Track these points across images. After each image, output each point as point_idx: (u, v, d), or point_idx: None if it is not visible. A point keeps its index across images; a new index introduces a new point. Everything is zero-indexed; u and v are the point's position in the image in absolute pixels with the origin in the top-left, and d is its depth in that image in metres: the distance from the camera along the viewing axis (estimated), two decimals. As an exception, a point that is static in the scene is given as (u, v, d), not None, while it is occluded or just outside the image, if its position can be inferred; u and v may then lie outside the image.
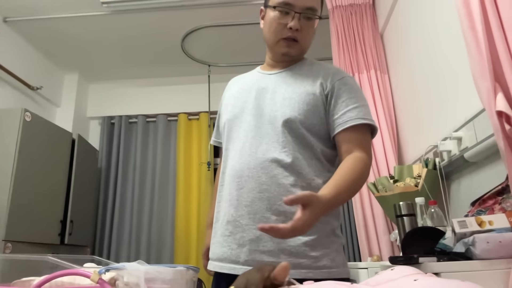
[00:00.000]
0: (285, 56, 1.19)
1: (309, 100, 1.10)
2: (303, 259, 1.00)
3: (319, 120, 1.10)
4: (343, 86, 1.11)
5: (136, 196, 3.67)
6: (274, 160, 1.06)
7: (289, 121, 1.08)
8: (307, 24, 1.14)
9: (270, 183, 1.05)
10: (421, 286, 0.49)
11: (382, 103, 2.52)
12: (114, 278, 1.49)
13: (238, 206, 1.07)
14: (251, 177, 1.07)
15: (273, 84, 1.17)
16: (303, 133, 1.08)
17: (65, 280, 1.50)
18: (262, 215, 1.04)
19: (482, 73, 0.95)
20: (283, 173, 1.05)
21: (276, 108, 1.11)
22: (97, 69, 3.93)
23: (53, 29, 3.28)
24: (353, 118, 1.07)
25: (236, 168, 1.10)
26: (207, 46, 3.57)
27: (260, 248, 1.02)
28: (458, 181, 1.75)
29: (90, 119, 4.09)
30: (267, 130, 1.10)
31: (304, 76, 1.16)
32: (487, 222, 1.00)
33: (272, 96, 1.14)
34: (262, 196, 1.05)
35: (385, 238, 2.24)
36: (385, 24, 2.65)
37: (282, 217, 1.02)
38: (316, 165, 1.08)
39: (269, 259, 1.01)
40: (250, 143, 1.10)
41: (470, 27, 1.00)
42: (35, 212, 2.74)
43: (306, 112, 1.09)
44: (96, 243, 3.59)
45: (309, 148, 1.08)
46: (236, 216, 1.07)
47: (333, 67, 1.18)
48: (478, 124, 1.42)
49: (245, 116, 1.14)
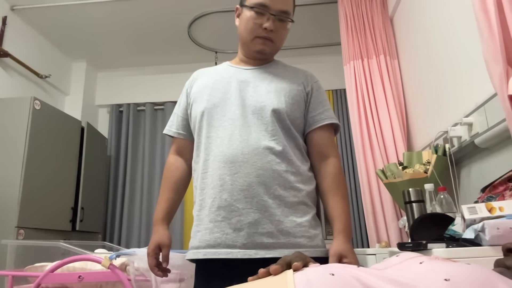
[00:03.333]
0: (259, 54, 1.24)
1: (293, 95, 1.19)
2: (300, 238, 1.08)
3: (300, 114, 1.20)
4: (319, 88, 1.26)
5: (146, 182, 3.71)
6: (266, 147, 1.11)
7: (277, 112, 1.14)
8: (281, 25, 1.20)
9: (265, 168, 1.10)
10: (428, 269, 0.49)
11: (391, 89, 2.49)
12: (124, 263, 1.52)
13: (233, 190, 1.09)
14: (246, 162, 1.10)
15: (253, 78, 1.22)
16: (288, 125, 1.16)
17: (77, 265, 1.53)
18: (260, 198, 1.08)
19: (495, 56, 0.92)
20: (276, 159, 1.11)
21: (262, 99, 1.16)
22: (105, 57, 3.94)
23: (60, 17, 3.28)
24: (329, 117, 1.21)
25: (227, 154, 1.12)
26: (213, 33, 3.55)
27: (260, 230, 1.06)
28: (468, 167, 1.73)
29: (98, 107, 4.11)
30: (253, 120, 1.14)
31: (283, 74, 1.24)
32: (498, 208, 0.99)
33: (255, 89, 1.19)
34: (259, 181, 1.09)
35: (393, 225, 2.24)
36: (395, 8, 2.60)
37: (277, 201, 1.09)
38: (299, 154, 1.17)
39: (268, 240, 1.06)
40: (239, 131, 1.13)
41: (482, 10, 0.97)
42: (46, 199, 2.78)
43: (291, 106, 1.17)
44: (107, 229, 3.64)
45: (293, 138, 1.17)
46: (231, 201, 1.09)
47: (307, 70, 1.30)
48: (490, 109, 1.40)
49: (228, 106, 1.17)
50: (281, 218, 1.07)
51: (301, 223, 1.09)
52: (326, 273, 0.47)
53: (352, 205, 3.35)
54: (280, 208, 1.08)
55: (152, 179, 3.74)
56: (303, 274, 0.50)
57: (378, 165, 2.34)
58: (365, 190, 2.36)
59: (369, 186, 2.36)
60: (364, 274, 0.47)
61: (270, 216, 1.07)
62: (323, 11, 3.24)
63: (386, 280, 0.46)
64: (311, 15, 3.30)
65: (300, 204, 1.11)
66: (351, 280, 0.45)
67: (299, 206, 1.11)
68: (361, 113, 2.48)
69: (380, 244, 2.16)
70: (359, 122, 2.46)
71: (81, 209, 3.11)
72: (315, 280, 0.47)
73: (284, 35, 1.25)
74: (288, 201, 1.09)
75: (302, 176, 1.14)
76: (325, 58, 3.81)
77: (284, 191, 1.10)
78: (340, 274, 0.47)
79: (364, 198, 2.36)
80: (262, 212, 1.07)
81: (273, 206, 1.08)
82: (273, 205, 1.08)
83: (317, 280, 0.47)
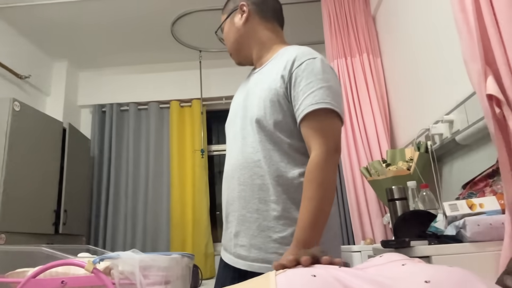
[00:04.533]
0: (240, 64, 1.30)
1: (271, 96, 1.09)
2: (271, 254, 1.04)
3: (283, 113, 1.08)
4: (301, 73, 1.06)
5: (130, 184, 3.66)
6: (250, 161, 1.11)
7: (258, 120, 1.10)
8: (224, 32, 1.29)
9: (246, 183, 1.11)
10: (409, 270, 0.49)
11: (374, 87, 2.51)
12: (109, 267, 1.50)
13: (226, 204, 1.18)
14: (233, 177, 1.15)
15: (252, 84, 1.20)
16: (271, 130, 1.09)
17: (60, 270, 1.50)
18: (239, 213, 1.11)
19: (473, 56, 0.94)
20: (259, 172, 1.09)
21: (252, 108, 1.14)
22: (87, 56, 3.87)
23: (40, 16, 3.21)
24: (307, 105, 1.03)
25: (226, 170, 1.20)
26: (198, 31, 3.52)
27: (239, 242, 1.10)
28: (450, 164, 1.76)
29: (80, 107, 4.04)
30: (245, 132, 1.14)
31: (271, 71, 1.15)
32: (478, 205, 1.01)
33: (252, 97, 1.16)
34: (240, 196, 1.11)
35: (378, 222, 2.27)
36: (377, 6, 2.62)
37: (256, 215, 1.08)
38: (286, 160, 1.08)
39: (243, 252, 1.08)
40: (233, 146, 1.18)
41: (460, 10, 0.99)
42: (28, 202, 2.73)
43: (270, 109, 1.09)
44: (91, 232, 3.59)
45: (278, 144, 1.09)
46: (226, 215, 1.19)
47: (298, 52, 1.11)
48: (470, 107, 1.43)
49: (236, 119, 1.20)
50: (255, 233, 1.06)
51: (277, 239, 1.04)
52: (308, 274, 0.48)
53: (338, 202, 3.38)
54: (257, 222, 1.07)
55: (137, 180, 3.70)
56: (284, 276, 0.50)
57: (362, 163, 2.36)
58: (350, 188, 2.39)
59: (354, 183, 2.38)
60: (346, 275, 0.48)
61: (247, 230, 1.08)
62: (307, 10, 3.24)
63: (367, 281, 0.46)
64: (294, 13, 3.30)
65: (280, 219, 1.05)
66: (332, 281, 0.46)
67: (279, 220, 1.05)
68: (345, 111, 2.50)
69: (365, 241, 2.18)
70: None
71: (64, 212, 3.05)
72: (296, 281, 0.47)
73: (225, 34, 1.28)
74: (267, 215, 1.06)
75: (283, 186, 1.06)
76: (309, 57, 3.82)
77: (263, 205, 1.06)
78: (321, 275, 0.47)
79: (349, 196, 2.39)
80: (240, 226, 1.10)
81: (250, 220, 1.08)
82: (250, 219, 1.08)
83: (298, 281, 0.47)
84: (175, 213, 3.55)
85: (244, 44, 1.23)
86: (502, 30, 0.91)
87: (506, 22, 0.90)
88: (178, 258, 1.62)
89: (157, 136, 3.83)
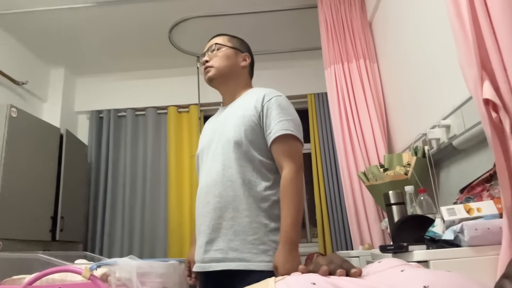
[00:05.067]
0: (212, 81, 1.49)
1: (246, 121, 1.35)
2: (247, 254, 1.24)
3: (256, 135, 1.35)
4: (271, 105, 1.36)
5: (128, 190, 3.65)
6: (226, 175, 1.33)
7: (236, 142, 1.33)
8: (214, 53, 1.49)
9: (221, 196, 1.32)
10: (408, 276, 0.49)
11: (371, 92, 2.52)
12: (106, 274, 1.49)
13: (199, 216, 1.40)
14: (207, 193, 1.35)
15: (225, 116, 1.45)
16: (246, 149, 1.33)
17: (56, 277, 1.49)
18: (214, 222, 1.31)
19: (469, 61, 0.95)
20: (231, 186, 1.31)
21: (228, 133, 1.37)
22: (84, 63, 3.87)
23: (37, 22, 3.21)
24: (278, 130, 1.31)
25: (201, 186, 1.41)
26: (195, 37, 3.53)
27: (213, 247, 1.29)
28: (447, 169, 1.77)
29: (78, 113, 4.03)
30: (219, 154, 1.37)
31: (243, 103, 1.42)
32: (475, 209, 1.01)
33: (228, 124, 1.40)
34: (215, 207, 1.32)
35: (376, 227, 2.26)
36: (374, 12, 2.64)
37: (231, 222, 1.28)
38: (257, 176, 1.32)
39: (220, 255, 1.27)
40: (208, 167, 1.39)
41: (456, 15, 1.00)
42: (25, 209, 2.71)
43: (245, 132, 1.34)
44: (88, 239, 3.56)
45: (251, 161, 1.33)
46: (199, 225, 1.40)
47: (266, 91, 1.42)
48: (466, 112, 1.43)
49: (211, 146, 1.43)
50: (232, 237, 1.26)
51: (250, 241, 1.25)
52: (308, 282, 0.48)
53: (336, 207, 3.38)
54: (232, 228, 1.27)
55: (134, 186, 3.68)
56: (284, 283, 0.50)
57: (360, 168, 2.36)
58: (348, 193, 2.39)
59: (352, 188, 2.38)
60: (345, 283, 0.47)
61: (224, 236, 1.28)
62: (304, 16, 3.26)
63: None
64: (291, 20, 3.32)
65: (252, 223, 1.27)
66: (332, 289, 0.46)
67: (251, 224, 1.27)
68: (342, 116, 2.50)
69: (364, 246, 2.18)
70: (340, 126, 2.49)
71: (61, 219, 3.03)
72: None
73: (220, 56, 1.47)
74: (241, 222, 1.27)
75: (254, 197, 1.29)
76: (307, 63, 3.83)
77: (237, 213, 1.28)
78: (321, 283, 0.47)
79: (347, 201, 2.38)
80: (215, 233, 1.29)
81: (226, 227, 1.28)
82: (226, 226, 1.28)
83: None
84: (172, 219, 3.53)
85: (232, 76, 1.49)
86: (498, 35, 0.91)
87: (502, 27, 0.90)
88: (175, 265, 1.61)
89: (155, 142, 3.82)
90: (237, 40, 1.56)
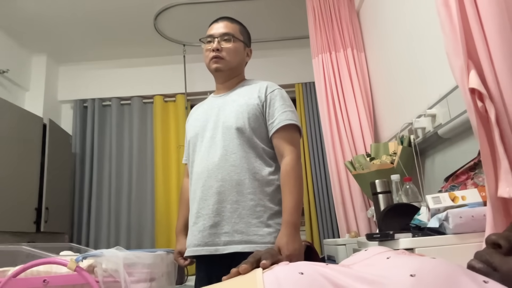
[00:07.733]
0: (218, 72, 1.48)
1: (249, 110, 1.40)
2: (252, 236, 1.28)
3: (259, 124, 1.40)
4: (275, 97, 1.42)
5: (114, 180, 3.61)
6: (230, 160, 1.35)
7: (238, 128, 1.37)
8: (226, 44, 1.47)
9: (225, 180, 1.34)
10: (394, 264, 0.50)
11: (358, 81, 2.53)
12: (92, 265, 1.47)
13: (200, 200, 1.38)
14: (210, 176, 1.36)
15: (221, 104, 1.48)
16: (249, 137, 1.37)
17: (41, 269, 1.47)
18: (218, 205, 1.33)
19: (456, 50, 0.95)
20: (235, 170, 1.34)
21: (229, 119, 1.40)
22: (67, 50, 3.78)
23: (18, 8, 3.11)
24: (282, 120, 1.38)
25: (200, 170, 1.40)
26: (181, 25, 3.48)
27: (219, 231, 1.31)
28: (432, 157, 1.79)
29: (61, 102, 3.95)
30: (220, 139, 1.39)
31: (245, 92, 1.47)
32: (460, 197, 1.02)
33: (227, 112, 1.43)
34: (218, 191, 1.34)
35: (362, 215, 2.29)
36: (361, 1, 2.63)
37: (235, 205, 1.31)
38: (260, 161, 1.37)
39: (227, 238, 1.30)
40: (208, 151, 1.40)
41: (443, 4, 0.99)
42: (8, 200, 2.66)
43: (248, 120, 1.38)
44: (74, 230, 3.53)
45: (254, 148, 1.38)
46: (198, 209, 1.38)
47: (268, 83, 1.48)
48: (452, 101, 1.45)
49: (206, 132, 1.44)
50: (237, 220, 1.30)
51: (255, 223, 1.30)
52: (295, 271, 0.47)
53: (323, 196, 3.41)
54: (237, 211, 1.30)
55: (120, 176, 3.65)
56: (272, 273, 0.50)
57: (346, 157, 2.38)
58: (335, 182, 2.40)
59: (339, 177, 2.40)
60: (333, 272, 0.47)
61: (228, 219, 1.31)
62: (292, 4, 3.24)
63: (354, 277, 0.46)
64: (279, 8, 3.29)
65: (257, 207, 1.31)
66: (320, 279, 0.46)
67: (256, 208, 1.31)
68: (329, 106, 2.51)
69: (350, 234, 2.20)
70: (328, 115, 2.49)
71: (46, 210, 2.99)
72: (284, 279, 0.47)
73: (233, 50, 1.47)
74: (246, 205, 1.31)
75: (259, 181, 1.34)
76: (295, 51, 3.82)
77: (241, 197, 1.32)
78: (309, 273, 0.47)
79: (334, 190, 2.40)
80: (219, 217, 1.32)
81: (230, 210, 1.31)
82: (230, 210, 1.31)
83: (286, 279, 0.47)
84: (159, 209, 3.52)
85: (238, 70, 1.53)
86: (485, 25, 0.91)
87: (488, 16, 0.90)
88: (163, 255, 1.61)
89: (141, 132, 3.78)
90: (246, 32, 1.57)
